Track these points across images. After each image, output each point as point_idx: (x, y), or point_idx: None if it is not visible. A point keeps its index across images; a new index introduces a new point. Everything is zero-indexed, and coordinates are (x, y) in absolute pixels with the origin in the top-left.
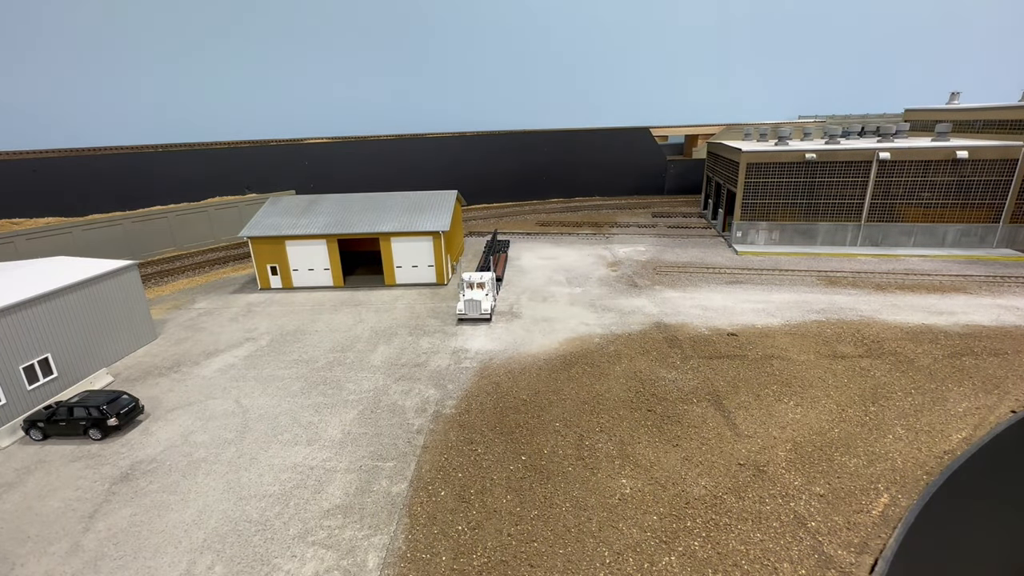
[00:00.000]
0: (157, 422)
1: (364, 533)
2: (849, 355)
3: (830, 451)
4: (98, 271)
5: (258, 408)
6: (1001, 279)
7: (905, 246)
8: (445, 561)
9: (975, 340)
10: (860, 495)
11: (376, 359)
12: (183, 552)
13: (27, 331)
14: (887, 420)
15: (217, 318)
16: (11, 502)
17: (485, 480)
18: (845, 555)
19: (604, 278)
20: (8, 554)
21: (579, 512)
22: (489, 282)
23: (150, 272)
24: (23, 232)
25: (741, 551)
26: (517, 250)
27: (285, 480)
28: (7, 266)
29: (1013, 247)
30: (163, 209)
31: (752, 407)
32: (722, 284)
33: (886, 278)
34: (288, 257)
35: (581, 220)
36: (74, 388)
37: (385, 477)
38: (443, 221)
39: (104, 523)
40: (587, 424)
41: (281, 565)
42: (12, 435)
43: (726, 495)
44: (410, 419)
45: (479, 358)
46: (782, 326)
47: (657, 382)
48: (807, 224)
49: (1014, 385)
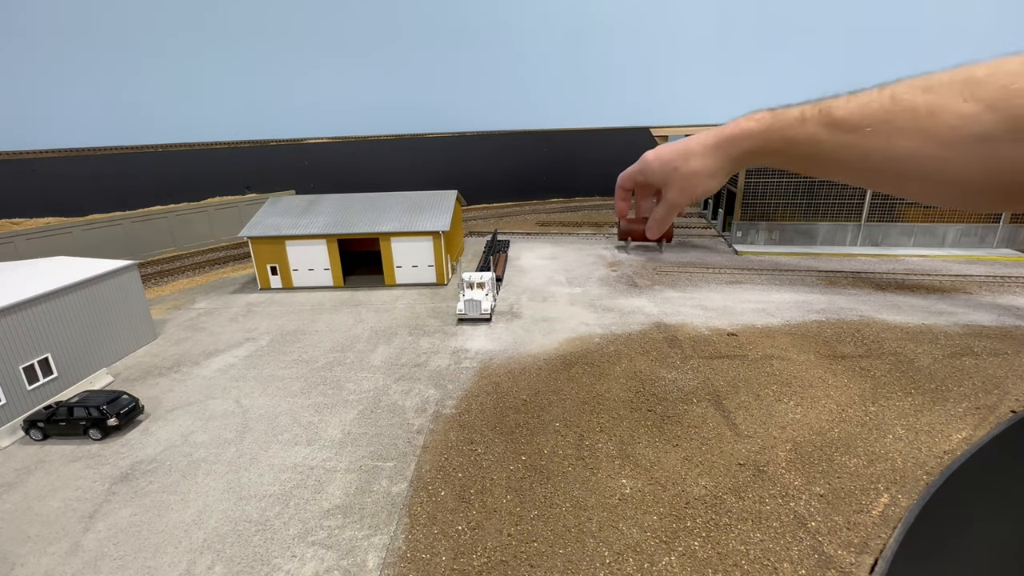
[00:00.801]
0: (157, 422)
1: (364, 533)
2: (849, 355)
3: (830, 451)
4: (98, 271)
5: (258, 408)
6: (1001, 279)
7: (905, 246)
8: (445, 561)
9: (975, 340)
10: (860, 495)
11: (376, 359)
12: (183, 552)
13: (27, 331)
14: (887, 420)
15: (217, 318)
16: (11, 502)
17: (485, 480)
18: (845, 555)
19: (604, 278)
20: (8, 554)
21: (579, 512)
22: (489, 282)
23: (150, 272)
24: (23, 232)
25: (741, 551)
26: (517, 250)
27: (285, 480)
28: (7, 266)
29: (1013, 247)
30: (163, 209)
31: (752, 407)
32: (722, 284)
33: (886, 278)
34: (288, 257)
35: (581, 220)
36: (74, 388)
37: (385, 477)
38: (443, 221)
39: (104, 523)
40: (587, 424)
41: (281, 565)
42: (12, 435)
43: (726, 495)
44: (410, 419)
45: (479, 358)
46: (782, 326)
47: (657, 382)
48: (807, 224)
49: (1014, 385)
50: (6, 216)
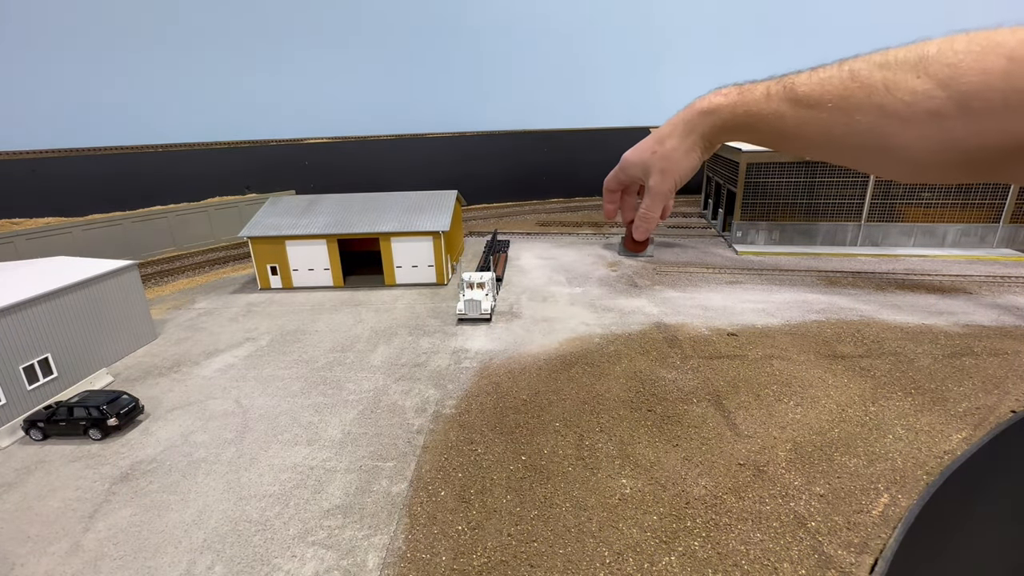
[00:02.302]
0: (157, 422)
1: (364, 533)
2: (849, 355)
3: (830, 451)
4: (98, 271)
5: (258, 408)
6: (1001, 279)
7: (905, 246)
8: (445, 561)
9: (975, 340)
10: (860, 495)
11: (376, 359)
12: (183, 552)
13: (27, 331)
14: (887, 420)
15: (217, 318)
16: (11, 502)
17: (485, 480)
18: (845, 555)
19: (604, 278)
20: (8, 554)
21: (579, 512)
22: (489, 282)
23: (150, 272)
24: (23, 232)
25: (741, 551)
26: (517, 250)
27: (285, 480)
28: (7, 266)
29: (1013, 247)
30: (163, 209)
31: (752, 407)
32: (722, 284)
33: (886, 278)
34: (288, 257)
35: (581, 220)
36: (74, 388)
37: (385, 477)
38: (443, 221)
39: (104, 523)
40: (587, 424)
41: (281, 565)
42: (12, 435)
43: (726, 495)
44: (410, 419)
45: (479, 358)
46: (782, 326)
47: (657, 382)
48: (807, 224)
49: (1014, 385)
50: (6, 216)
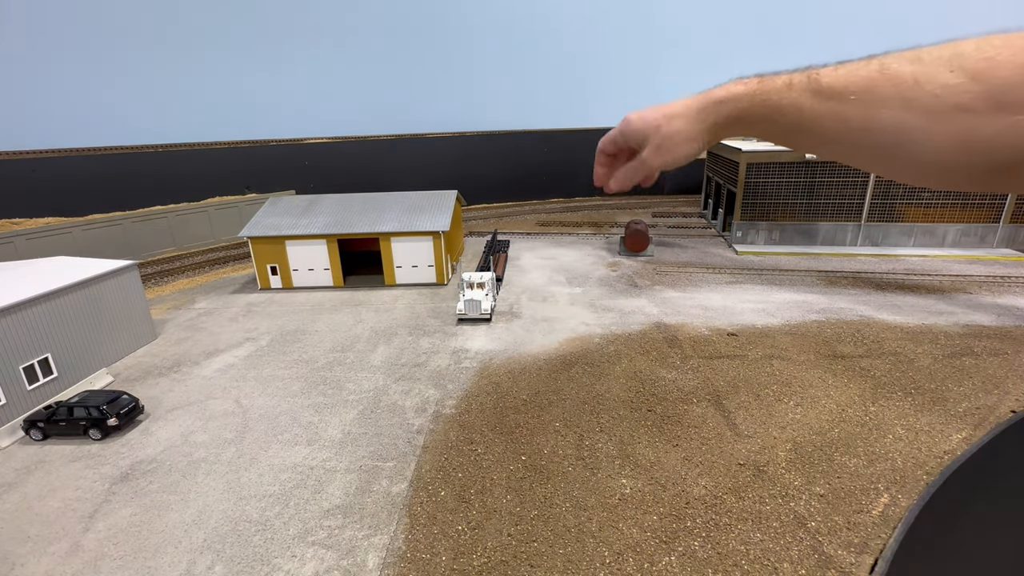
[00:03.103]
0: (157, 422)
1: (364, 533)
2: (849, 355)
3: (830, 451)
4: (98, 271)
5: (258, 408)
6: (1001, 279)
7: (905, 246)
8: (445, 561)
9: (975, 340)
10: (860, 495)
11: (376, 359)
12: (183, 552)
13: (27, 331)
14: (887, 420)
15: (217, 318)
16: (11, 502)
17: (485, 480)
18: (845, 555)
19: (604, 278)
20: (8, 554)
21: (579, 512)
22: (489, 282)
23: (150, 272)
24: (23, 232)
25: (741, 551)
26: (517, 250)
27: (285, 480)
28: (7, 266)
29: (1013, 247)
30: (163, 209)
31: (752, 407)
32: (722, 284)
33: (886, 278)
34: (288, 257)
35: (581, 220)
36: (74, 388)
37: (385, 477)
38: (443, 221)
39: (104, 523)
40: (587, 424)
41: (281, 565)
42: (12, 435)
43: (726, 495)
44: (410, 419)
45: (479, 358)
46: (782, 326)
47: (657, 382)
48: (807, 224)
49: (1014, 385)
50: (6, 216)
